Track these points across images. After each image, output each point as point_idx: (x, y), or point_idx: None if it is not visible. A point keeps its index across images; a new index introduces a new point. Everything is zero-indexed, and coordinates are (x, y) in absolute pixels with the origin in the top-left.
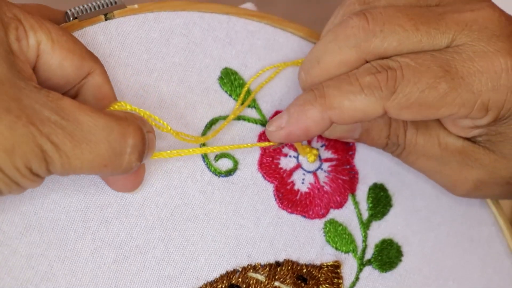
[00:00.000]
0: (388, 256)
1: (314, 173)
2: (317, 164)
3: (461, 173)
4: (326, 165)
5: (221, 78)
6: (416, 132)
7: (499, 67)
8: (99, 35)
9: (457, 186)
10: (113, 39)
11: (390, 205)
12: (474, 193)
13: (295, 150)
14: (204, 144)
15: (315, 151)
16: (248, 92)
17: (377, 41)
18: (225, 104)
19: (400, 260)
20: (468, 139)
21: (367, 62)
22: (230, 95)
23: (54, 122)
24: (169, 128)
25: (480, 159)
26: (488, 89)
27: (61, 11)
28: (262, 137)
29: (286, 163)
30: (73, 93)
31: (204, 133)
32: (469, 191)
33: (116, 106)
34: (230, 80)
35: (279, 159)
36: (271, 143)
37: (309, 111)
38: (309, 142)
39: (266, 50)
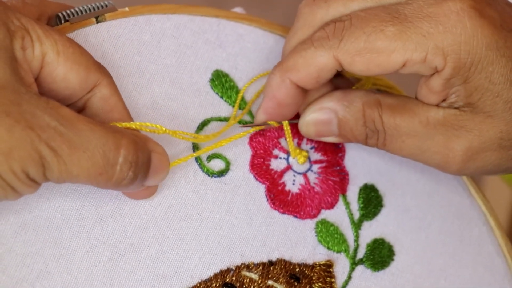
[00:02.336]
0: (380, 255)
1: (304, 174)
2: (307, 165)
3: (449, 145)
4: (316, 167)
5: (212, 80)
6: (392, 114)
7: (448, 10)
8: (90, 37)
9: (449, 161)
10: (104, 42)
11: (381, 205)
12: (470, 166)
13: (286, 152)
14: (196, 146)
15: (305, 153)
16: (239, 93)
17: (322, 12)
18: (217, 106)
19: (392, 259)
20: (450, 109)
21: None
22: (221, 97)
23: (54, 128)
24: (164, 129)
25: (465, 126)
26: (439, 31)
27: (61, 4)
28: (254, 138)
29: (277, 164)
30: (80, 106)
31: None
32: (463, 164)
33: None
34: (221, 82)
35: (269, 160)
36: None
37: (271, 80)
38: (299, 144)
39: (256, 52)
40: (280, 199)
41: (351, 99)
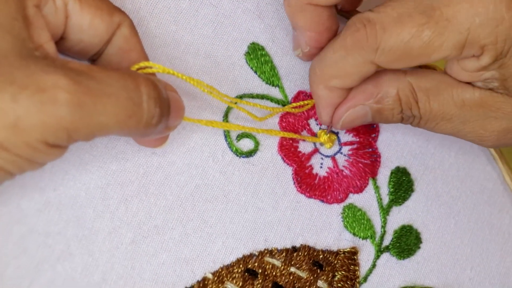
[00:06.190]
0: (406, 243)
1: (332, 157)
2: (335, 148)
3: (485, 126)
4: (346, 149)
5: (247, 54)
6: (427, 99)
7: (486, 1)
8: (127, 4)
9: (484, 139)
10: (141, 8)
11: (412, 190)
12: (503, 142)
13: (314, 134)
14: (227, 120)
15: (333, 137)
16: (274, 68)
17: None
18: (250, 81)
19: (419, 248)
20: (485, 90)
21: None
22: (255, 72)
23: (70, 83)
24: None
25: (501, 108)
26: (476, 25)
27: None
28: (284, 118)
29: (305, 146)
30: (102, 49)
31: (227, 111)
32: (497, 142)
33: (137, 66)
34: (257, 56)
35: (298, 142)
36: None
37: (319, 92)
38: (329, 127)
39: None
40: (306, 182)
41: (385, 90)
